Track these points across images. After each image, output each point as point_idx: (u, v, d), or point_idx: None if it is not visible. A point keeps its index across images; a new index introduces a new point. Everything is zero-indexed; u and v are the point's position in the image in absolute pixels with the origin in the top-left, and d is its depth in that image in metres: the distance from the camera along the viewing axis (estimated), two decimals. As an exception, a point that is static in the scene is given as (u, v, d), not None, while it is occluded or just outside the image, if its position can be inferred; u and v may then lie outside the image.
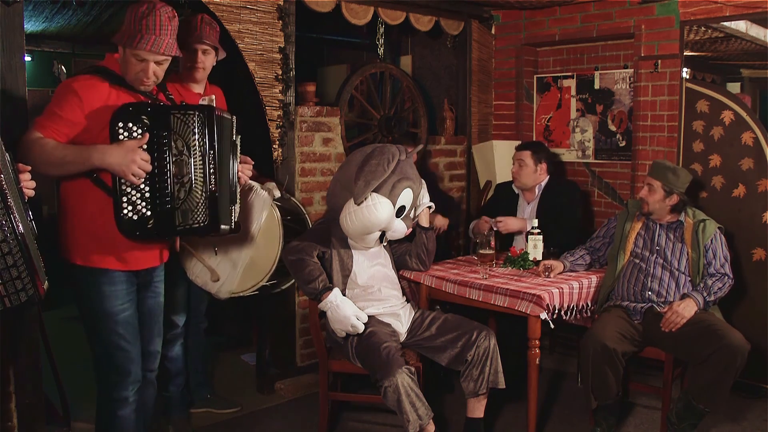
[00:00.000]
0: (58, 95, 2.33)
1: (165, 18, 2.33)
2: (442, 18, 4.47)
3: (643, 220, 3.43)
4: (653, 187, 3.31)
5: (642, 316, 3.27)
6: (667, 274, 3.28)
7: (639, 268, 3.34)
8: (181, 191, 2.32)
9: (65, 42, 6.49)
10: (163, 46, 2.33)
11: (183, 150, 2.31)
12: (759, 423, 3.45)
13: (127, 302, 2.46)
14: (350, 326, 2.97)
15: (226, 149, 2.46)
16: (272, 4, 3.61)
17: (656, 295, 3.27)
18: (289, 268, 3.11)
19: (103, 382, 2.51)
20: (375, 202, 2.98)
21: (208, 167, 2.34)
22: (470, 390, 3.04)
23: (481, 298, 3.23)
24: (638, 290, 3.31)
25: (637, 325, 3.25)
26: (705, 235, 3.28)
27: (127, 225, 2.29)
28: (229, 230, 2.48)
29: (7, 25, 2.58)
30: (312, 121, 3.89)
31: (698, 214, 3.37)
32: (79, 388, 3.24)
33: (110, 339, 2.44)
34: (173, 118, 2.31)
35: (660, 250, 3.33)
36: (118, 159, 2.23)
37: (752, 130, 3.71)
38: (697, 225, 3.30)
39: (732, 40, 3.87)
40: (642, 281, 3.31)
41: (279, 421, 3.51)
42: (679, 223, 3.35)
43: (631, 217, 3.48)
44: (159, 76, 2.41)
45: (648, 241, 3.37)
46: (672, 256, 3.30)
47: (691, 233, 3.30)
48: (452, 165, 4.75)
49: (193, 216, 2.34)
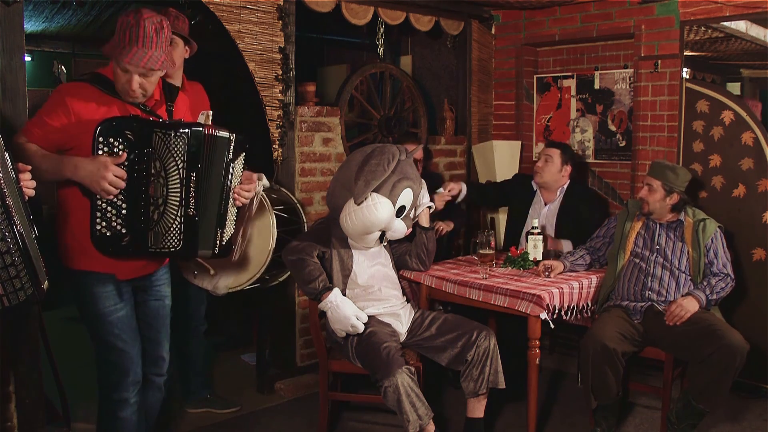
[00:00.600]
0: (50, 101, 2.30)
1: (151, 29, 2.24)
2: (442, 18, 4.47)
3: (643, 219, 3.42)
4: (653, 187, 3.31)
5: (642, 316, 3.26)
6: (668, 274, 3.28)
7: (639, 267, 3.34)
8: (155, 213, 2.26)
9: (65, 42, 6.48)
10: (145, 59, 2.23)
11: (160, 171, 2.25)
12: (759, 423, 3.45)
13: (120, 302, 2.43)
14: (350, 326, 2.97)
15: (216, 171, 2.35)
16: (272, 4, 3.61)
17: (656, 294, 3.27)
18: (289, 268, 3.11)
19: (103, 383, 2.50)
20: (375, 202, 2.98)
21: (188, 190, 2.27)
22: (470, 390, 3.04)
23: (481, 298, 3.23)
24: (638, 290, 3.30)
25: (637, 325, 3.24)
26: (705, 234, 3.27)
27: (99, 240, 2.25)
28: (212, 255, 2.41)
29: (7, 25, 2.58)
30: (312, 121, 3.89)
31: (698, 213, 3.37)
32: (79, 388, 3.24)
33: (107, 339, 2.42)
34: (155, 137, 2.23)
35: (660, 249, 3.33)
36: (89, 174, 2.17)
37: (752, 130, 3.71)
38: (697, 224, 3.30)
39: (732, 40, 3.87)
40: (642, 281, 3.31)
41: (279, 421, 3.51)
42: (679, 223, 3.35)
43: (631, 216, 3.47)
44: (147, 89, 2.32)
45: (648, 241, 3.37)
46: (672, 256, 3.30)
47: (692, 232, 3.30)
48: (452, 165, 4.75)
49: (165, 240, 2.29)
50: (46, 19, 5.42)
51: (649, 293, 3.28)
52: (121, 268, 2.43)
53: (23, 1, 2.63)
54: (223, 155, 2.36)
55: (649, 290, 3.28)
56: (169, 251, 2.31)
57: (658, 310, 3.22)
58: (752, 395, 3.69)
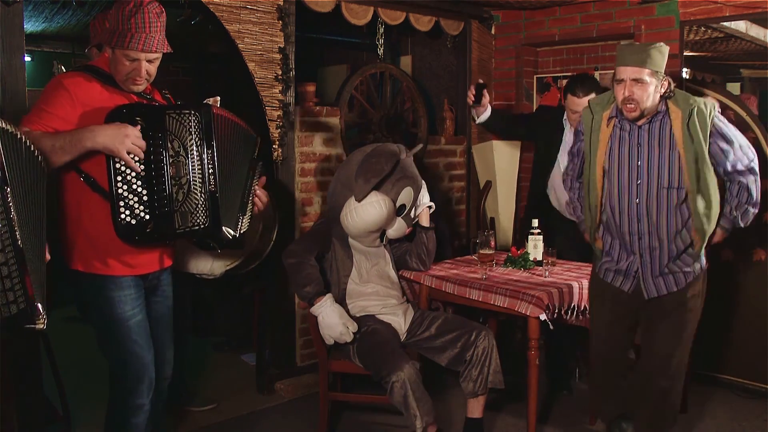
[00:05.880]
0: (46, 92, 2.26)
1: (153, 15, 2.27)
2: (442, 18, 4.47)
3: (614, 122, 2.69)
4: (642, 80, 2.54)
5: (633, 284, 2.79)
6: (656, 202, 2.66)
7: (617, 198, 2.72)
8: (180, 193, 2.25)
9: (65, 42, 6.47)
10: (155, 43, 2.26)
11: (180, 150, 2.25)
12: (759, 423, 3.44)
13: (137, 306, 2.39)
14: (339, 333, 2.98)
15: (232, 152, 2.41)
16: (272, 4, 3.61)
17: (647, 237, 2.69)
18: (286, 270, 3.12)
19: (118, 390, 2.43)
20: (376, 200, 2.98)
21: (207, 167, 2.30)
22: (470, 390, 3.04)
23: (481, 299, 3.23)
24: (624, 235, 2.74)
25: (631, 298, 2.81)
26: (701, 121, 2.56)
27: (125, 230, 2.20)
28: (232, 239, 2.40)
29: (7, 26, 2.59)
30: (312, 122, 3.89)
31: (683, 94, 2.63)
32: (79, 389, 3.24)
33: (125, 346, 2.36)
34: (168, 118, 2.24)
35: (643, 163, 2.65)
36: (111, 136, 2.12)
37: (752, 130, 3.71)
38: (688, 111, 2.58)
39: (732, 40, 3.87)
40: (627, 221, 2.70)
41: (279, 422, 3.51)
42: (662, 115, 2.62)
43: (597, 121, 2.74)
44: (152, 74, 2.34)
45: (626, 154, 2.68)
46: (661, 168, 2.62)
47: (682, 125, 2.58)
48: (452, 165, 4.75)
49: (193, 218, 2.28)
50: (46, 19, 5.42)
51: (637, 240, 2.70)
52: (141, 260, 2.39)
53: (23, 1, 2.63)
54: (241, 139, 2.47)
55: (638, 233, 2.69)
56: (198, 228, 2.30)
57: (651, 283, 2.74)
58: (753, 396, 3.69)
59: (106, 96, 2.30)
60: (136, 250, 2.34)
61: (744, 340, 3.70)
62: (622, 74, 2.57)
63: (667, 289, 2.75)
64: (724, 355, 3.79)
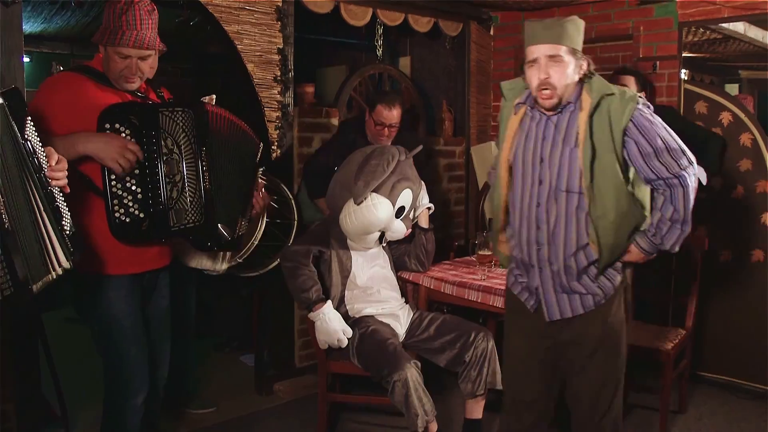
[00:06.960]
0: (40, 92, 2.26)
1: (144, 12, 2.28)
2: (441, 19, 4.48)
3: (524, 110, 2.28)
4: (560, 58, 2.12)
5: (535, 301, 2.32)
6: (555, 208, 2.20)
7: (519, 201, 2.28)
8: (174, 190, 2.24)
9: (64, 43, 6.48)
10: (147, 40, 2.27)
11: (173, 148, 2.25)
12: (759, 423, 3.45)
13: (132, 306, 2.39)
14: (336, 340, 2.99)
15: (229, 150, 2.41)
16: (271, 5, 3.61)
17: (546, 248, 2.23)
18: (284, 273, 3.12)
19: (112, 389, 2.42)
20: (375, 202, 2.98)
21: (201, 164, 2.29)
22: (468, 391, 3.04)
23: (480, 300, 3.23)
24: (524, 245, 2.29)
25: (541, 320, 2.32)
26: (614, 113, 2.12)
27: (120, 228, 2.20)
28: (228, 239, 2.39)
29: (6, 26, 2.59)
30: (311, 123, 3.89)
31: (601, 81, 2.19)
32: (79, 389, 3.24)
33: (121, 346, 2.36)
34: (161, 116, 2.23)
35: (545, 161, 2.21)
36: (104, 144, 2.12)
37: (751, 131, 3.72)
38: (597, 101, 2.13)
39: (730, 42, 3.88)
40: (526, 228, 2.26)
41: (277, 423, 3.51)
42: (573, 105, 2.18)
43: (508, 108, 2.35)
44: (144, 71, 2.34)
45: (530, 149, 2.24)
46: (561, 168, 2.17)
47: (587, 117, 2.13)
48: (451, 166, 4.75)
49: (188, 215, 2.28)
50: (45, 19, 5.42)
51: (536, 250, 2.25)
52: (137, 259, 2.38)
53: (22, 1, 2.63)
54: (237, 138, 2.48)
55: (536, 243, 2.25)
56: (192, 226, 2.29)
57: (552, 302, 2.27)
58: (753, 396, 3.69)
59: (100, 95, 2.29)
60: (131, 248, 2.33)
61: (743, 340, 3.70)
62: (535, 53, 2.14)
63: (572, 311, 2.26)
64: (724, 355, 3.79)
